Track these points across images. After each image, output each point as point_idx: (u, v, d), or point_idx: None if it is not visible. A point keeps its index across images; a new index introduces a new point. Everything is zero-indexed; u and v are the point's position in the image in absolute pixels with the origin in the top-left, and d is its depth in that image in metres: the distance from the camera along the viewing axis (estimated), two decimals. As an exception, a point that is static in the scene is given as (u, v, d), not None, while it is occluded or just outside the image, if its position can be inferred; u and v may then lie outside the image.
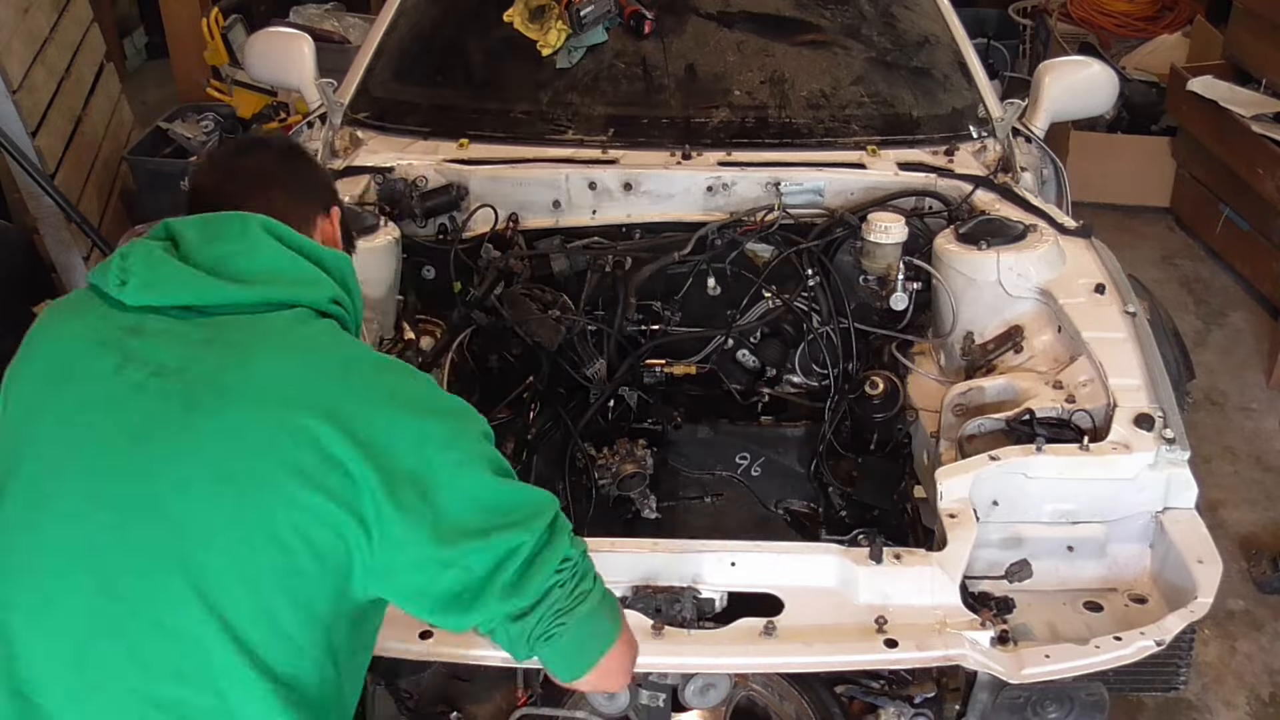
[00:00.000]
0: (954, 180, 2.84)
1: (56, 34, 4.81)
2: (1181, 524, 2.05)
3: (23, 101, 4.29)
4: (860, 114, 3.10)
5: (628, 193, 2.86)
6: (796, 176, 2.85)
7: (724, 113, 3.07)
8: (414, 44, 3.39)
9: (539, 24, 3.18)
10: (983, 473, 2.05)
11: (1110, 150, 5.64)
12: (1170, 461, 2.07)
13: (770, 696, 2.37)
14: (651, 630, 1.87)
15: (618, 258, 2.76)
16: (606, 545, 1.99)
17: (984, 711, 1.96)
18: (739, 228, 2.78)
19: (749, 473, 2.72)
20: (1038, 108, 3.27)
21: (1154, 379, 2.19)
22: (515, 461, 2.60)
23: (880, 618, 1.90)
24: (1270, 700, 3.16)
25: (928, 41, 3.37)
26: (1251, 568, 3.55)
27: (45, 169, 4.29)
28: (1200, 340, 4.75)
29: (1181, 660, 2.03)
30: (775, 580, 1.97)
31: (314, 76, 3.28)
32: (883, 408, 2.54)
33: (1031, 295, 2.46)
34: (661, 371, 2.80)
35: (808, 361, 2.84)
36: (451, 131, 3.04)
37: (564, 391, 2.75)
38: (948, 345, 2.58)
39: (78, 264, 4.62)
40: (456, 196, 2.83)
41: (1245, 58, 5.23)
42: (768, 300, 2.79)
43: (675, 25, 3.28)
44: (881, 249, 2.64)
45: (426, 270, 2.84)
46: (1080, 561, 2.10)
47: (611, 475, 2.55)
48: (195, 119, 5.11)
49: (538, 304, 2.66)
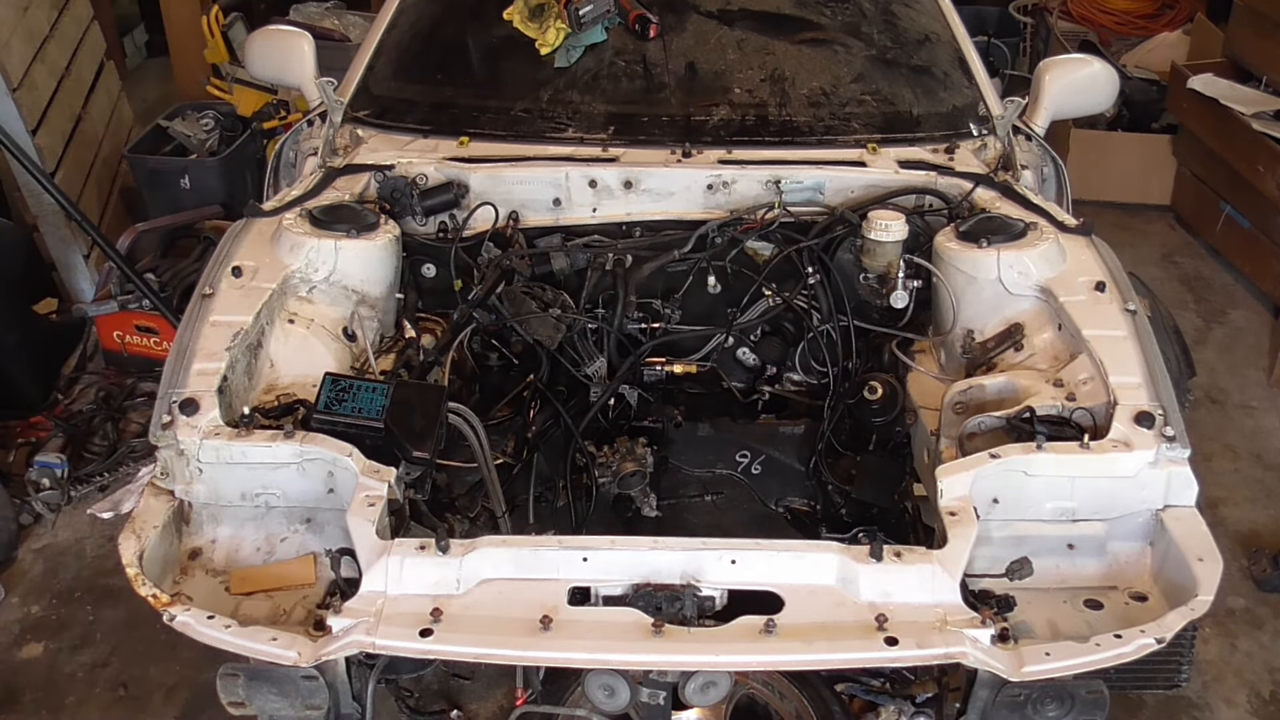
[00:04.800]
0: (954, 178, 2.84)
1: (56, 32, 4.81)
2: (1182, 522, 2.06)
3: (23, 99, 4.29)
4: (861, 112, 3.10)
5: (628, 191, 2.86)
6: (797, 174, 2.85)
7: (724, 111, 3.07)
8: (414, 42, 3.39)
9: (538, 23, 3.18)
10: (983, 471, 2.05)
11: (1111, 148, 5.64)
12: (1171, 459, 2.07)
13: (771, 694, 2.37)
14: (652, 628, 1.87)
15: (618, 256, 2.77)
16: (607, 543, 1.99)
17: (984, 709, 1.96)
18: (739, 226, 2.78)
19: (749, 471, 2.72)
20: (1038, 106, 3.27)
21: (1154, 377, 2.19)
22: (515, 460, 2.61)
23: (880, 616, 1.90)
24: (1271, 698, 3.16)
25: (928, 39, 3.37)
26: (1252, 566, 3.55)
27: (45, 167, 4.29)
28: (1201, 338, 4.75)
29: (1182, 658, 2.03)
30: (775, 578, 1.97)
31: (314, 74, 3.28)
32: (882, 412, 2.54)
33: (1032, 293, 2.46)
34: (662, 370, 2.81)
35: (808, 359, 2.84)
36: (452, 129, 3.04)
37: (564, 390, 2.75)
38: (948, 343, 2.58)
39: (78, 262, 4.63)
40: (457, 194, 2.83)
41: (1246, 55, 5.23)
42: (768, 298, 2.79)
43: (676, 23, 3.29)
44: (882, 247, 2.64)
45: (427, 268, 2.84)
46: (1081, 559, 2.10)
47: (612, 473, 2.55)
48: (195, 117, 5.11)
49: (538, 302, 2.66)
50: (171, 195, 4.82)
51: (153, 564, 2.02)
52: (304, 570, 2.07)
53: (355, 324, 2.51)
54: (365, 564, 1.95)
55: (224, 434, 2.11)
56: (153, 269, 4.36)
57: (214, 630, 1.90)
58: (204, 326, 2.30)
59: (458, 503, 2.50)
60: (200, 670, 3.16)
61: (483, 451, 2.37)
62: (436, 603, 1.91)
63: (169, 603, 1.95)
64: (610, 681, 2.06)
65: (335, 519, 2.11)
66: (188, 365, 2.21)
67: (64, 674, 3.25)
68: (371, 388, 2.18)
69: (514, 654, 1.91)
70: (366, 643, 1.87)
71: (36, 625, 3.42)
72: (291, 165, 3.36)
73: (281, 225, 2.56)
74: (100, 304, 4.27)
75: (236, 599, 2.05)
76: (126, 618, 3.39)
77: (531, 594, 1.94)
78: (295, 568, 2.08)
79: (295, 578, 2.07)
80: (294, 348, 2.40)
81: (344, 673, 2.00)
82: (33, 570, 3.62)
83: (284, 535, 2.16)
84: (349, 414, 2.13)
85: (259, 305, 2.36)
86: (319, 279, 2.51)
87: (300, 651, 1.87)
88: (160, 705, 3.15)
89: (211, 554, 2.14)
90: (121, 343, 4.32)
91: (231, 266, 2.45)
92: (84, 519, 3.79)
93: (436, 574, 1.94)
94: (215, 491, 2.14)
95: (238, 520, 2.16)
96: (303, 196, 2.75)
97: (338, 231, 2.54)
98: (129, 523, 2.07)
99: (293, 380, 2.35)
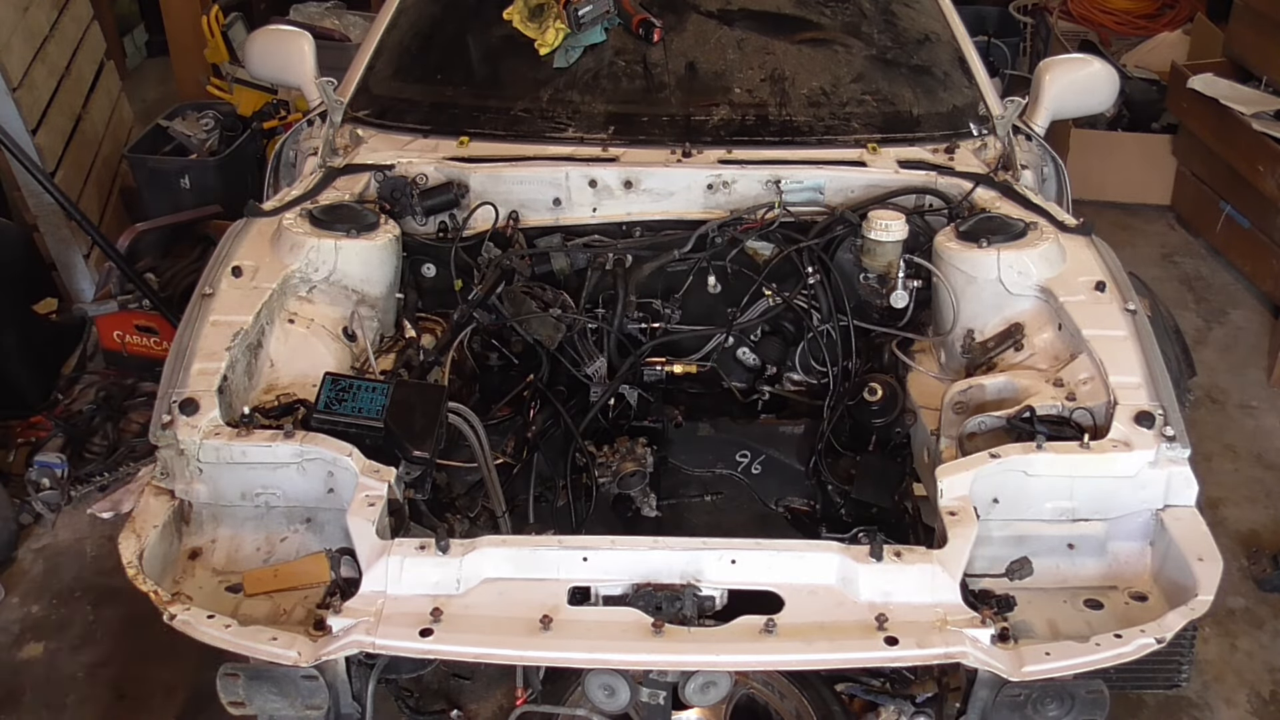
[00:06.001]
0: (954, 178, 2.83)
1: (56, 32, 4.81)
2: (1182, 522, 2.05)
3: (23, 99, 4.29)
4: (861, 112, 3.10)
5: (628, 190, 2.86)
6: (797, 174, 2.84)
7: (724, 110, 3.07)
8: (414, 42, 3.39)
9: (538, 23, 3.18)
10: (983, 470, 2.05)
11: (1111, 148, 5.64)
12: (1171, 459, 2.07)
13: (771, 694, 2.37)
14: (652, 628, 1.87)
15: (618, 255, 2.77)
16: (607, 543, 1.99)
17: (984, 709, 1.96)
18: (739, 225, 2.78)
19: (749, 471, 2.72)
20: (1038, 105, 3.27)
21: (1154, 377, 2.19)
22: (515, 460, 2.61)
23: (881, 615, 1.90)
24: (1271, 698, 3.16)
25: (928, 39, 3.37)
26: (1252, 565, 3.55)
27: (45, 167, 4.29)
28: (1201, 338, 4.75)
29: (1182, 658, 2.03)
30: (775, 578, 1.97)
31: (314, 74, 3.28)
32: (882, 413, 2.54)
33: (1032, 293, 2.46)
34: (662, 370, 2.80)
35: (808, 359, 2.84)
36: (452, 129, 3.04)
37: (564, 390, 2.75)
38: (948, 343, 2.58)
39: (78, 262, 4.63)
40: (457, 194, 2.83)
41: (1246, 55, 5.23)
42: (768, 298, 2.79)
43: (676, 23, 3.29)
44: (882, 247, 2.64)
45: (427, 268, 2.84)
46: (1081, 559, 2.10)
47: (612, 473, 2.55)
48: (195, 117, 5.11)
49: (538, 302, 2.66)
50: (171, 195, 4.82)
51: (153, 564, 2.02)
52: (318, 568, 2.05)
53: (355, 324, 2.51)
54: (365, 564, 1.95)
55: (224, 434, 2.11)
56: (153, 269, 4.36)
57: (214, 630, 1.90)
58: (204, 326, 2.30)
59: (458, 503, 2.50)
60: (200, 670, 3.16)
61: (483, 451, 2.37)
62: (436, 603, 1.91)
63: (169, 600, 1.95)
64: (610, 681, 2.05)
65: (335, 519, 2.11)
66: (188, 365, 2.21)
67: (64, 674, 3.25)
68: (371, 388, 2.18)
69: (514, 654, 1.91)
70: (366, 643, 1.87)
71: (36, 625, 3.42)
72: (291, 165, 3.36)
73: (281, 225, 2.56)
74: (100, 304, 4.27)
75: (236, 599, 2.05)
76: (126, 618, 3.39)
77: (531, 594, 1.94)
78: (309, 565, 2.07)
79: (310, 576, 2.05)
80: (294, 348, 2.40)
81: (344, 673, 2.00)
82: (33, 570, 3.62)
83: (284, 535, 2.16)
84: (349, 414, 2.13)
85: (259, 305, 2.35)
86: (319, 279, 2.51)
87: (300, 651, 1.87)
88: (160, 705, 3.15)
89: (211, 554, 2.14)
90: (121, 343, 4.32)
91: (231, 266, 2.45)
92: (84, 519, 3.79)
93: (436, 574, 1.94)
94: (215, 491, 2.14)
95: (238, 520, 2.16)
96: (303, 196, 2.75)
97: (338, 231, 2.54)
98: (129, 523, 2.07)
99: (293, 380, 2.35)
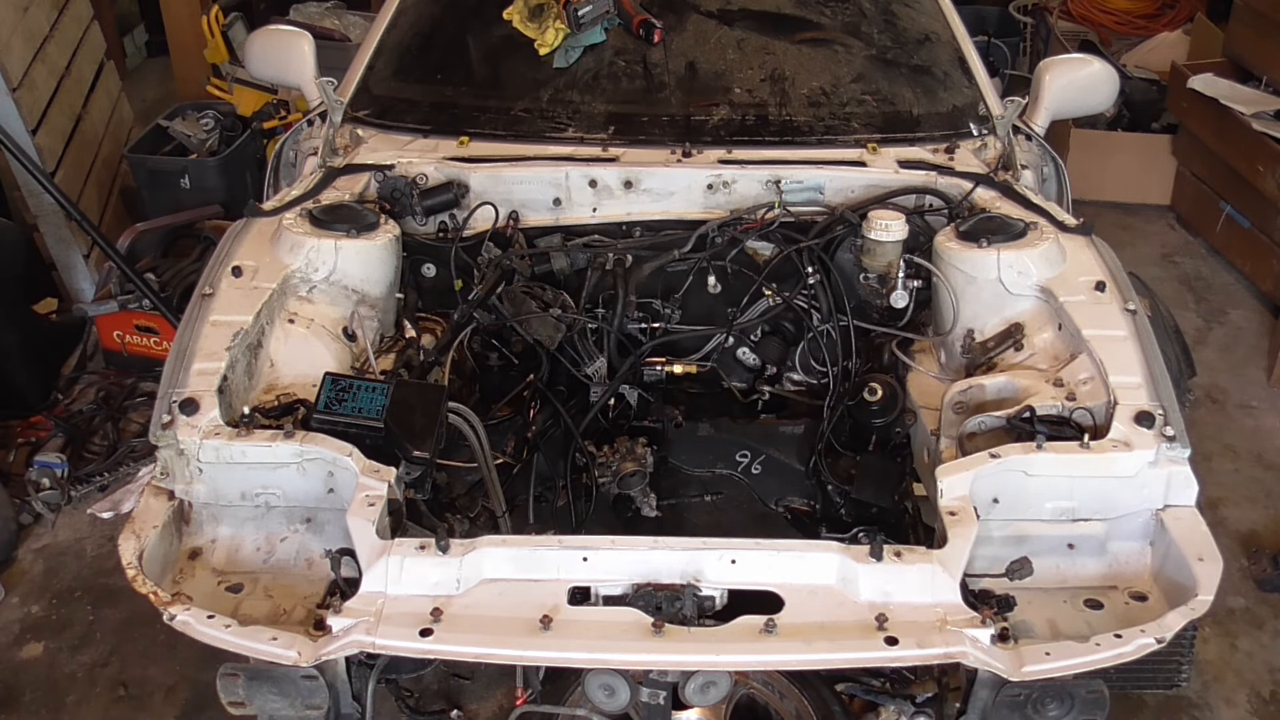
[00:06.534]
0: (954, 178, 2.83)
1: (56, 32, 4.81)
2: (1182, 522, 2.05)
3: (23, 99, 4.29)
4: (861, 112, 3.10)
5: (628, 190, 2.86)
6: (797, 174, 2.84)
7: (724, 110, 3.07)
8: (414, 42, 3.39)
9: (537, 23, 3.18)
10: (983, 470, 2.05)
11: (1111, 148, 5.64)
12: (1171, 459, 2.07)
13: (771, 694, 2.37)
14: (652, 628, 1.87)
15: (618, 255, 2.76)
16: (607, 543, 1.99)
17: (985, 709, 1.96)
18: (739, 225, 2.78)
19: (749, 471, 2.72)
20: (1038, 105, 3.27)
21: (1154, 377, 2.19)
22: (515, 460, 2.61)
23: (881, 615, 1.90)
24: (1271, 698, 3.16)
25: (928, 39, 3.37)
26: (1252, 566, 3.54)
27: (45, 167, 4.29)
28: (1201, 338, 4.75)
29: (1182, 658, 2.03)
30: (776, 578, 1.97)
31: (314, 74, 3.28)
32: (882, 413, 2.54)
33: (1032, 293, 2.46)
34: (662, 370, 2.80)
35: (808, 359, 2.84)
36: (452, 129, 3.04)
37: (564, 390, 2.75)
38: (948, 343, 2.58)
39: (78, 262, 4.63)
40: (457, 194, 2.83)
41: (1246, 55, 5.23)
42: (768, 298, 2.79)
43: (676, 23, 3.29)
44: (882, 247, 2.63)
45: (427, 268, 2.84)
46: (1081, 559, 2.10)
47: (612, 473, 2.55)
48: (195, 117, 5.11)
49: (538, 302, 2.66)
50: (171, 195, 4.82)
51: (153, 564, 2.01)
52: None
53: (355, 324, 2.51)
54: (365, 564, 1.95)
55: (224, 434, 2.11)
56: (153, 269, 4.36)
57: (214, 630, 1.90)
58: (204, 326, 2.30)
59: (458, 503, 2.50)
60: (200, 670, 3.16)
61: (483, 451, 2.37)
62: (436, 602, 1.91)
63: (169, 601, 1.95)
64: (610, 681, 2.05)
65: (335, 519, 2.11)
66: (188, 365, 2.21)
67: (64, 674, 3.25)
68: (371, 388, 2.17)
69: (514, 654, 1.91)
70: (366, 643, 1.87)
71: (36, 625, 3.42)
72: (291, 165, 3.37)
73: (281, 225, 2.56)
74: (100, 304, 4.27)
75: (237, 599, 2.05)
76: (126, 618, 3.39)
77: (531, 594, 1.94)
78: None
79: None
80: (294, 347, 2.40)
81: (344, 673, 2.00)
82: (33, 570, 3.62)
83: (284, 535, 2.16)
84: (349, 414, 2.13)
85: (259, 305, 2.35)
86: (319, 279, 2.51)
87: (300, 651, 1.87)
88: (160, 705, 3.15)
89: (211, 554, 2.14)
90: (121, 343, 4.33)
91: (231, 266, 2.45)
92: (84, 519, 3.79)
93: (436, 574, 1.94)
94: (215, 491, 2.13)
95: (238, 520, 2.16)
96: (303, 196, 2.75)
97: (338, 231, 2.54)
98: (129, 523, 2.07)
99: (293, 380, 2.35)
